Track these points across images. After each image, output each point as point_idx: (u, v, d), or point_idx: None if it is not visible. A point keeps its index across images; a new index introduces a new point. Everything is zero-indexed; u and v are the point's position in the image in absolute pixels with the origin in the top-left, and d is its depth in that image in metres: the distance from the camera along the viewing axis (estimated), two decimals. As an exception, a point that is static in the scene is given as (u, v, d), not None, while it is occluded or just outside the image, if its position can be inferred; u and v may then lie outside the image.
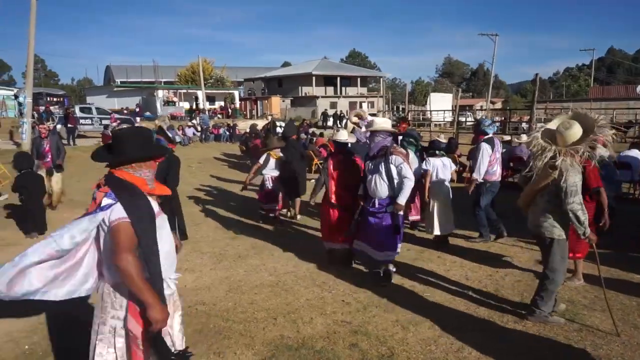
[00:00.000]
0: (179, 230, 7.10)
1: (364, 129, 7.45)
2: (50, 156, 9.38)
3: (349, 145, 6.51)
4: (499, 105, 60.65)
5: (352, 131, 7.45)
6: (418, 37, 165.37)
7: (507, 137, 15.89)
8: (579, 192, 4.07)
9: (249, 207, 10.41)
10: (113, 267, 2.48)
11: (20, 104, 21.82)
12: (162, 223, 2.61)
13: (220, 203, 10.88)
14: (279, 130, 19.28)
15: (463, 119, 33.51)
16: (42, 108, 24.84)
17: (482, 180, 6.93)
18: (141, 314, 2.48)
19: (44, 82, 62.36)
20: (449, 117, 38.15)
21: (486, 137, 6.98)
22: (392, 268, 5.66)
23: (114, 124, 21.02)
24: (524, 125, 29.11)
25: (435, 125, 34.70)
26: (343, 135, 6.51)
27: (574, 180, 4.04)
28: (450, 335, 4.24)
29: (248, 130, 21.94)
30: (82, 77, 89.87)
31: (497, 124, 30.07)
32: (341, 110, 40.36)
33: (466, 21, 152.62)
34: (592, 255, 4.41)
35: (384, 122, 5.72)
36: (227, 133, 26.60)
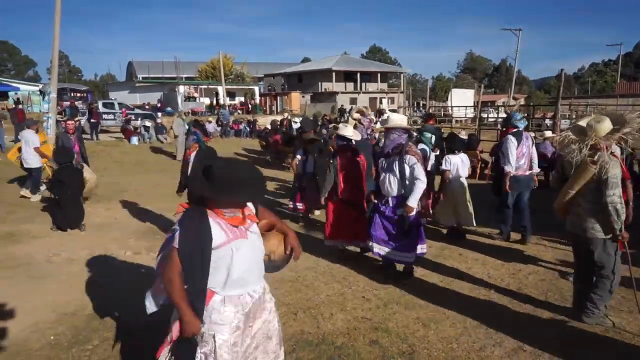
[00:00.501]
0: None
1: (366, 123, 7.46)
2: (78, 152, 9.44)
3: (353, 141, 6.49)
4: (522, 101, 59.72)
5: (355, 127, 7.42)
6: (439, 32, 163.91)
7: (531, 134, 15.66)
8: (619, 185, 3.99)
9: (267, 202, 10.45)
10: None
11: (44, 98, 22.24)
12: (239, 245, 2.63)
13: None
14: (295, 127, 19.33)
15: (485, 115, 33.07)
16: (66, 103, 25.24)
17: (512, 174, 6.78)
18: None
19: (67, 77, 63.34)
20: (470, 113, 37.74)
21: (515, 130, 6.88)
22: (412, 265, 5.62)
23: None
24: (548, 121, 28.63)
25: (457, 121, 34.36)
26: (348, 131, 6.51)
27: (614, 172, 3.97)
28: (472, 334, 4.20)
29: (269, 126, 22.04)
30: (104, 73, 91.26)
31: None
32: (342, 105, 40.19)
33: (489, 16, 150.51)
34: (624, 255, 4.23)
35: (400, 119, 5.56)
36: (247, 129, 26.72)
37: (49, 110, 16.45)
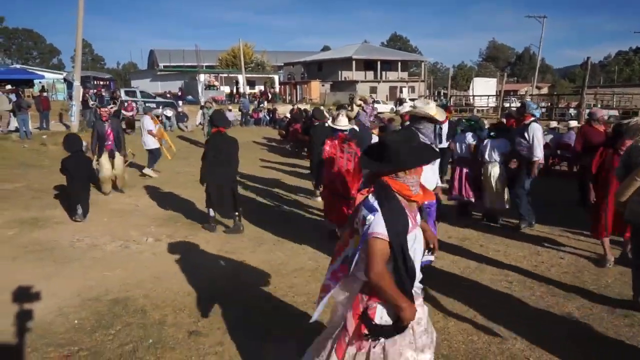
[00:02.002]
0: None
1: (369, 111, 7.53)
2: (112, 139, 9.46)
3: (347, 131, 6.57)
4: (545, 91, 58.60)
5: (357, 115, 7.43)
6: (461, 20, 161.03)
7: (555, 124, 15.37)
8: None
9: (289, 191, 10.47)
10: (359, 275, 2.52)
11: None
12: (418, 235, 2.54)
13: (260, 187, 10.97)
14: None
15: (507, 105, 32.56)
16: (92, 91, 25.59)
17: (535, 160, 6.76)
18: (359, 314, 2.52)
19: (91, 66, 64.33)
20: (492, 102, 37.19)
21: (534, 119, 6.86)
22: (431, 257, 5.55)
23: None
24: (572, 111, 28.08)
25: (478, 111, 33.89)
26: (342, 122, 6.59)
27: None
28: (493, 326, 4.15)
29: (288, 115, 22.04)
30: (127, 61, 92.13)
31: (543, 109, 29.18)
32: (351, 94, 39.60)
33: (512, 2, 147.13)
34: None
35: (427, 107, 4.92)
36: (267, 117, 26.75)
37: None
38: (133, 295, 4.85)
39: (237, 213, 7.24)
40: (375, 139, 7.75)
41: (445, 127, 8.61)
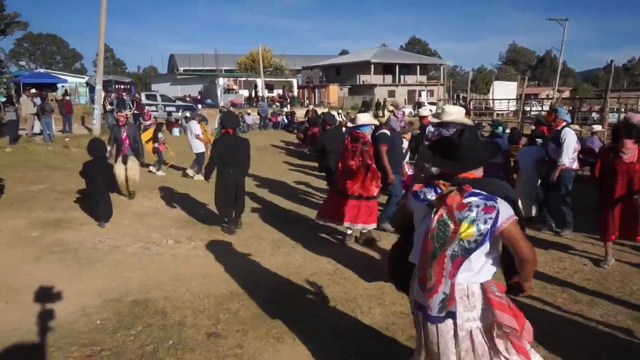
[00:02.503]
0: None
1: (400, 116, 7.48)
2: (127, 144, 9.37)
3: (363, 129, 6.50)
4: (566, 94, 57.76)
5: (388, 120, 7.39)
6: (481, 23, 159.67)
7: (576, 127, 15.13)
8: None
9: (308, 194, 10.49)
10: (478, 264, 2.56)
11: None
12: None
13: (278, 190, 11.01)
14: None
15: (528, 109, 32.15)
16: (113, 95, 25.94)
17: (567, 167, 6.78)
18: (510, 307, 2.54)
19: (112, 70, 65.26)
20: (513, 106, 36.78)
21: (566, 124, 6.88)
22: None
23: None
24: (595, 115, 27.61)
25: (498, 114, 33.52)
26: (359, 119, 6.60)
27: None
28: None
29: (303, 117, 22.12)
30: (147, 65, 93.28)
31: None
32: (378, 98, 39.24)
33: (533, 5, 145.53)
34: None
35: (457, 112, 5.10)
36: (286, 121, 26.86)
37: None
38: (153, 296, 4.91)
39: (236, 214, 7.42)
40: (406, 143, 7.74)
41: None
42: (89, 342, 3.96)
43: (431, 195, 2.60)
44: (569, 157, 6.73)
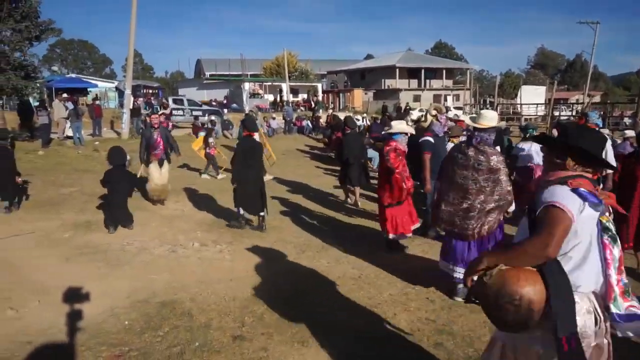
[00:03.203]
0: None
1: (443, 121, 7.36)
2: (162, 147, 9.41)
3: (402, 136, 6.30)
4: (597, 99, 56.52)
5: (431, 125, 7.31)
6: (509, 27, 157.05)
7: (606, 131, 14.79)
8: None
9: (333, 198, 10.49)
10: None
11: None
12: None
13: (303, 194, 11.04)
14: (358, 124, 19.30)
15: (557, 113, 31.54)
16: (141, 99, 26.51)
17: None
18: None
19: (141, 75, 66.45)
20: (541, 111, 36.17)
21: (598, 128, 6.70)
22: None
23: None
24: (627, 120, 26.95)
25: (526, 119, 32.99)
26: (394, 127, 6.48)
27: None
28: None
29: (323, 122, 22.14)
30: (174, 70, 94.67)
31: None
32: (407, 102, 38.59)
33: (562, 7, 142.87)
34: None
35: (494, 117, 4.94)
36: (310, 125, 26.92)
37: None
38: (180, 298, 4.97)
39: (262, 213, 7.60)
40: (449, 146, 7.66)
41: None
42: (118, 342, 4.03)
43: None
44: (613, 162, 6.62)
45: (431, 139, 6.89)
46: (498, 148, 8.60)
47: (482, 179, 4.61)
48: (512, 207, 4.87)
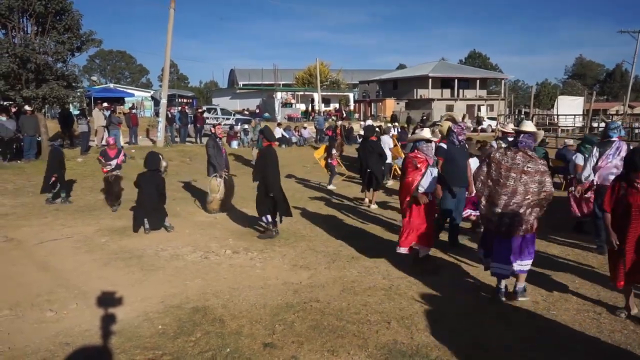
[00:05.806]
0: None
1: (457, 130, 7.35)
2: (225, 159, 9.58)
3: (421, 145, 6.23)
4: (638, 110, 54.70)
5: (448, 134, 7.28)
6: (546, 36, 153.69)
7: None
8: None
9: (361, 208, 10.47)
10: None
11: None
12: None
13: (334, 203, 11.05)
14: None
15: (595, 125, 30.68)
16: (176, 109, 27.09)
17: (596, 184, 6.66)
18: None
19: (176, 84, 67.90)
20: (579, 122, 35.29)
21: (605, 140, 6.76)
22: (521, 285, 5.22)
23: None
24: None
25: (562, 130, 32.24)
26: (421, 134, 6.50)
27: None
28: (577, 357, 3.90)
29: (362, 132, 22.10)
30: (208, 80, 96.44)
31: (637, 129, 27.31)
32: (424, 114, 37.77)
33: (602, 16, 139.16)
34: None
35: (533, 126, 5.35)
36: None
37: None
38: (212, 304, 5.04)
39: (277, 219, 7.90)
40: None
41: None
42: (151, 346, 4.12)
43: None
44: (584, 175, 6.81)
45: (444, 145, 7.13)
46: None
47: (530, 180, 4.90)
48: None
